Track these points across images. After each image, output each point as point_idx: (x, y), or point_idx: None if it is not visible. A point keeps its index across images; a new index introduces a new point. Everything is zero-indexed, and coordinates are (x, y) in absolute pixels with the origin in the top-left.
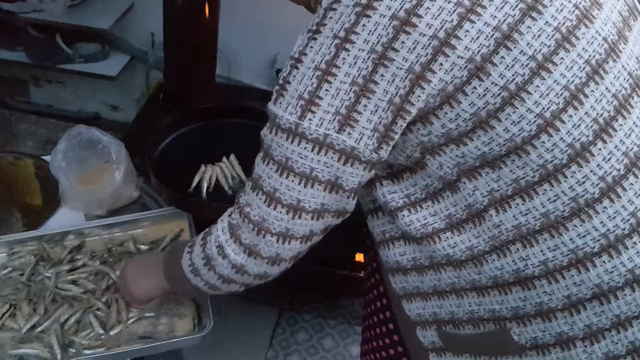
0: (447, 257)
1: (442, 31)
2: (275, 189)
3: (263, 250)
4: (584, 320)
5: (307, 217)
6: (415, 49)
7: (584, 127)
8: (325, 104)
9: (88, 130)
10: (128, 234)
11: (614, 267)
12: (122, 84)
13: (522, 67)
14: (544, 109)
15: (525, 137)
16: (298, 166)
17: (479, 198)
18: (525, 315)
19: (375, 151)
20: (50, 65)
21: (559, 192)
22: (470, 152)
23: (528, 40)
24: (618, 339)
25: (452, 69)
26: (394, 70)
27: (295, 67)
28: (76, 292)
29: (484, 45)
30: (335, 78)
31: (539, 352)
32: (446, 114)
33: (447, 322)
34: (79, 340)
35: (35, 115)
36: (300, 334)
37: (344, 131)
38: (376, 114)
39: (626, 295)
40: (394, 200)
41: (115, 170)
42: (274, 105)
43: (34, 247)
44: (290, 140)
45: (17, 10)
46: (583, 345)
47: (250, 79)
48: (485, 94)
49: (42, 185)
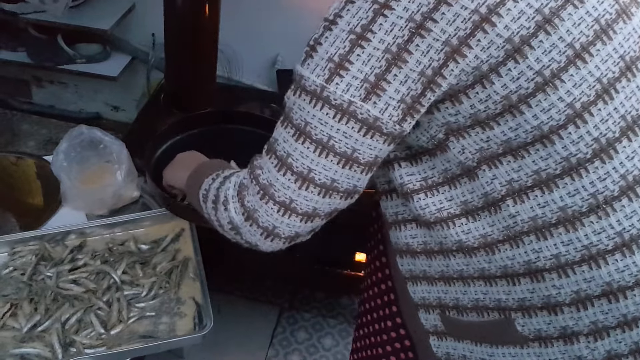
0: (459, 243)
1: (484, 6)
2: (289, 154)
3: (261, 217)
4: (590, 316)
5: (314, 190)
6: (455, 22)
7: (612, 122)
8: (354, 69)
9: (89, 131)
10: (129, 233)
11: (626, 266)
12: (123, 85)
13: (559, 54)
14: (575, 99)
15: (553, 126)
16: (316, 132)
17: (497, 187)
18: (531, 307)
19: (399, 123)
20: (52, 66)
21: (580, 186)
22: (496, 136)
23: (568, 27)
24: (622, 338)
25: (490, 47)
26: (430, 41)
27: (328, 28)
28: (77, 291)
29: (524, 26)
30: (369, 44)
31: (542, 344)
32: (477, 94)
33: (451, 308)
34: (80, 339)
35: (37, 116)
36: (301, 333)
37: (369, 100)
38: (405, 84)
39: (635, 296)
40: (411, 183)
41: (117, 170)
42: (301, 67)
43: (36, 247)
44: (313, 103)
45: (18, 11)
46: (586, 341)
47: (250, 79)
48: (519, 78)
49: (44, 185)
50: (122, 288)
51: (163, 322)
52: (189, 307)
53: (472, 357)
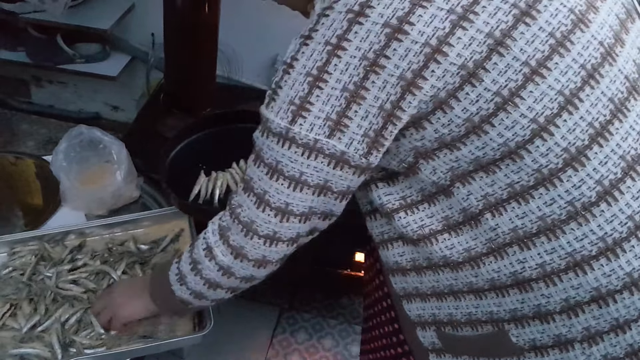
0: (445, 258)
1: (434, 39)
2: (265, 192)
3: (250, 252)
4: (582, 323)
5: (294, 220)
6: (407, 57)
7: (579, 131)
8: (316, 109)
9: (89, 130)
10: (129, 233)
11: (612, 270)
12: (123, 84)
13: (515, 73)
14: (538, 114)
15: (519, 141)
16: (288, 170)
17: (473, 202)
18: (523, 317)
19: (365, 156)
20: (51, 66)
21: (555, 195)
22: (464, 156)
23: (521, 46)
24: (617, 341)
25: (444, 76)
26: (385, 77)
27: (287, 72)
28: (77, 291)
29: (477, 51)
30: (327, 84)
31: (538, 353)
32: (439, 119)
33: (446, 324)
34: (80, 339)
35: (36, 116)
36: (301, 333)
37: (334, 136)
38: (367, 119)
39: (625, 299)
40: (390, 202)
41: (116, 170)
42: (265, 109)
43: (35, 247)
44: (280, 144)
45: (18, 10)
46: (582, 348)
47: (250, 79)
48: (478, 100)
49: (43, 185)
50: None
51: (163, 322)
52: None
53: None
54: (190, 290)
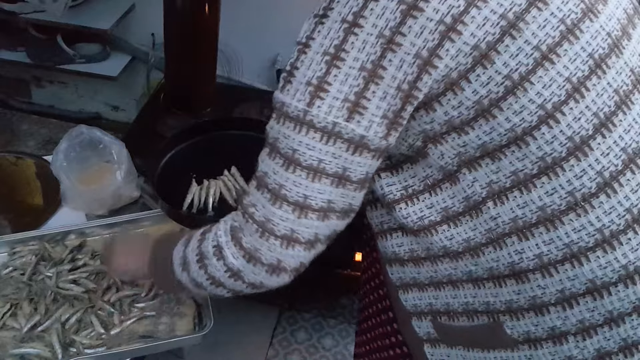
0: (445, 248)
1: (448, 16)
2: (281, 186)
3: (264, 255)
4: (576, 315)
5: (313, 216)
6: (423, 34)
7: (584, 120)
8: (334, 89)
9: (89, 130)
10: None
11: (608, 262)
12: (123, 84)
13: (526, 57)
14: (546, 100)
15: (526, 127)
16: (305, 158)
17: (477, 190)
18: (518, 309)
19: (385, 138)
20: (52, 66)
21: (557, 185)
22: (472, 140)
23: (533, 30)
24: (610, 335)
25: (458, 55)
26: (401, 55)
27: (303, 52)
28: (77, 291)
29: (490, 32)
30: (344, 63)
31: (531, 346)
32: (449, 101)
33: (443, 313)
34: (80, 339)
35: (37, 116)
36: (300, 333)
37: (352, 119)
38: (385, 100)
39: (619, 292)
40: (392, 193)
41: (116, 170)
42: (280, 94)
43: (35, 247)
44: (297, 129)
45: (18, 10)
46: (575, 341)
47: (250, 79)
48: (489, 82)
49: (43, 185)
50: (122, 288)
51: (163, 322)
52: (189, 307)
53: None
54: (191, 278)
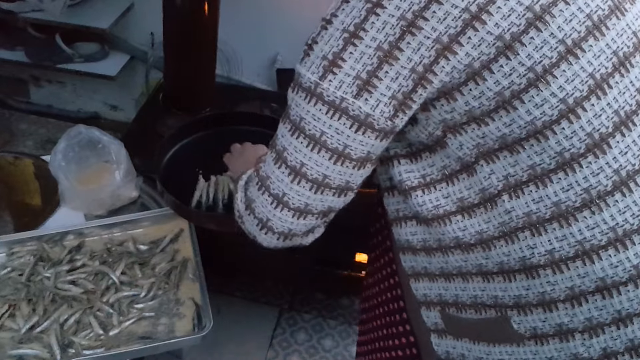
0: (456, 239)
1: (474, 5)
2: (285, 148)
3: (257, 208)
4: (584, 313)
5: (305, 185)
6: (446, 20)
7: (605, 117)
8: (347, 66)
9: (88, 130)
10: (128, 234)
11: (619, 261)
12: (122, 84)
13: (550, 50)
14: (568, 94)
15: (546, 121)
16: (309, 128)
17: (494, 182)
18: (527, 304)
19: (391, 119)
20: (50, 65)
21: (573, 181)
22: (491, 132)
23: (559, 24)
24: (617, 335)
25: (480, 45)
26: (421, 39)
27: (324, 27)
28: (76, 292)
29: (515, 23)
30: (362, 42)
31: (537, 342)
32: (470, 91)
33: (451, 305)
34: (79, 340)
35: (35, 115)
36: (300, 334)
37: (360, 97)
38: (396, 81)
39: (629, 291)
40: (409, 180)
41: (115, 170)
42: (299, 65)
43: (34, 247)
44: (307, 99)
45: (16, 10)
46: (582, 338)
47: (250, 78)
48: (511, 74)
49: (42, 185)
50: (121, 289)
51: (162, 323)
52: (188, 308)
53: (470, 355)
54: None
